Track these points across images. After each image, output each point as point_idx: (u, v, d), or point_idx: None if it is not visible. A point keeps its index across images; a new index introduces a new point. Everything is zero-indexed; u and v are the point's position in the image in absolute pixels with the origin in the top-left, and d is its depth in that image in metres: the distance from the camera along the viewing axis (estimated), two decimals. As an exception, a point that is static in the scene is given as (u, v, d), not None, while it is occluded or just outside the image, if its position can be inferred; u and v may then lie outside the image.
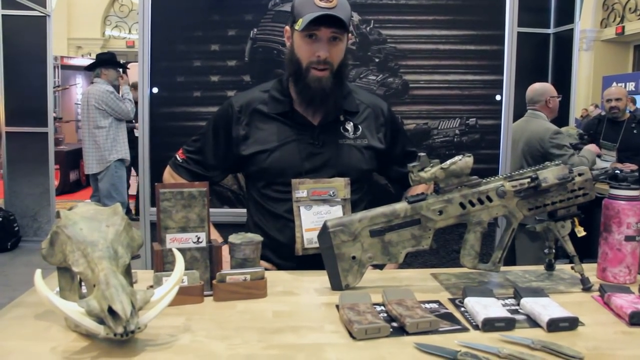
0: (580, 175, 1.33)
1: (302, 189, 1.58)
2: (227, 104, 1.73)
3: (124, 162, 5.27)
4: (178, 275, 1.05)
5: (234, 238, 1.32)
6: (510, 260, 3.27)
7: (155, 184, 1.30)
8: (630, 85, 10.02)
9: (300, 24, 1.55)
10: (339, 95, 1.67)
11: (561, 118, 4.43)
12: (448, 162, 1.29)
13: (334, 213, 1.57)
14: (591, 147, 3.83)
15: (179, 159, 1.75)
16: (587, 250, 1.78)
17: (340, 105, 1.69)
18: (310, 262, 1.52)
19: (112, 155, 5.12)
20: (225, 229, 1.58)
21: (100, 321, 0.93)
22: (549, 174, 1.31)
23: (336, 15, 1.54)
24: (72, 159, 8.43)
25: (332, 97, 1.63)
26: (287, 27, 1.68)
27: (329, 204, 1.58)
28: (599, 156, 4.52)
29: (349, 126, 1.70)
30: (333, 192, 1.59)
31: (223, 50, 2.39)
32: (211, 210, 1.33)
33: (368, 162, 1.71)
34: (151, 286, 1.19)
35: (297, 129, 1.66)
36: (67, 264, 1.00)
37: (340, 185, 1.60)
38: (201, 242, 1.28)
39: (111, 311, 0.91)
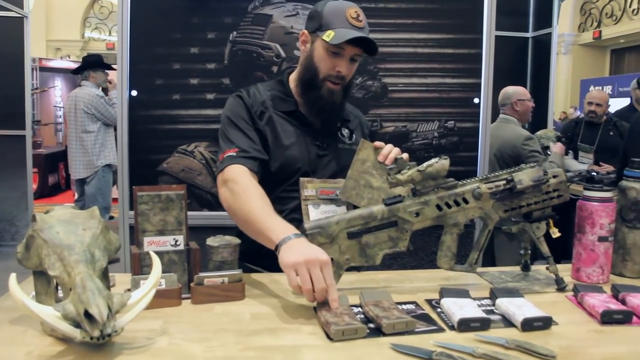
0: (554, 177, 1.35)
1: (310, 188, 1.58)
2: (237, 98, 1.66)
3: (111, 167, 5.21)
4: (155, 278, 1.05)
5: (211, 240, 1.32)
6: (490, 261, 3.29)
7: (133, 187, 1.29)
8: (607, 89, 10.18)
9: (331, 37, 1.53)
10: (343, 107, 1.71)
11: (539, 121, 4.48)
12: (425, 164, 1.30)
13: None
14: (557, 149, 3.82)
15: (233, 154, 1.58)
16: (564, 251, 1.80)
17: (342, 114, 1.73)
18: None
19: (99, 161, 5.07)
20: (205, 232, 1.58)
21: (77, 325, 0.92)
22: (524, 176, 1.33)
23: (373, 42, 1.56)
24: (51, 162, 8.29)
25: (339, 109, 1.67)
26: (306, 31, 1.64)
27: (335, 203, 1.59)
28: (575, 157, 4.58)
29: (345, 132, 1.73)
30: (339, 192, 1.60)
31: (202, 53, 2.39)
32: (191, 213, 1.32)
33: None
34: (129, 289, 1.19)
35: (302, 130, 1.67)
36: (43, 267, 1.00)
37: None
38: (179, 245, 1.28)
39: (87, 315, 0.91)
